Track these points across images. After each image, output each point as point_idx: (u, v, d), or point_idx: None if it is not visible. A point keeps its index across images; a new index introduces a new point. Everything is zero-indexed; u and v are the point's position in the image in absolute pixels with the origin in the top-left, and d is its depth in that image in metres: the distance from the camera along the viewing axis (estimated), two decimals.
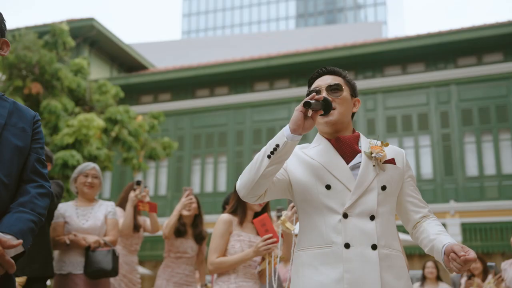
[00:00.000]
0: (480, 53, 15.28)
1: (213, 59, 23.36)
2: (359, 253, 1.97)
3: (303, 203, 2.12)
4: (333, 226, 2.01)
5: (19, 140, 2.05)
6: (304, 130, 1.96)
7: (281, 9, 62.93)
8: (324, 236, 2.02)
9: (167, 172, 17.33)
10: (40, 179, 2.10)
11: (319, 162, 2.11)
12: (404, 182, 2.20)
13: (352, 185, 2.04)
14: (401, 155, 2.23)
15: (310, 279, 2.00)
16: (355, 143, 2.18)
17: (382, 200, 2.07)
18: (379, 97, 15.88)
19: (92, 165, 4.37)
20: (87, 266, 4.00)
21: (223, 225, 3.45)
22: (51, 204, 3.91)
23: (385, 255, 2.00)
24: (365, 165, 2.09)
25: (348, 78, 2.30)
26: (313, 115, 1.98)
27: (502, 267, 4.97)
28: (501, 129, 14.63)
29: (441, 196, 14.62)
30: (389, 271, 1.99)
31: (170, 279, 4.65)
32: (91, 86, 12.38)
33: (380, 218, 2.04)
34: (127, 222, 4.65)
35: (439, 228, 2.12)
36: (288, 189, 2.16)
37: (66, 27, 12.08)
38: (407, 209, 2.20)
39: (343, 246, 1.98)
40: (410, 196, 2.20)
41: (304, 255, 2.07)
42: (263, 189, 2.02)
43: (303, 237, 2.11)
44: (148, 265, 14.87)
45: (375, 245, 1.98)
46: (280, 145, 1.94)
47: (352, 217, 2.01)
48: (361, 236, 1.99)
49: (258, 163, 1.97)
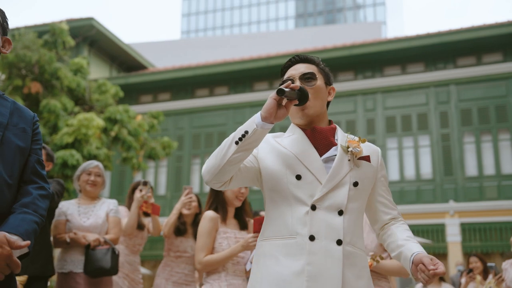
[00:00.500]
0: (480, 53, 15.30)
1: (213, 59, 23.37)
2: (323, 247, 1.90)
3: (272, 192, 2.05)
4: (299, 217, 1.95)
5: (21, 141, 2.05)
6: (276, 119, 1.89)
7: (281, 9, 62.94)
8: (289, 227, 1.96)
9: (166, 171, 17.34)
10: (40, 180, 2.10)
11: (291, 152, 2.03)
12: (377, 181, 2.14)
13: (323, 177, 1.98)
14: (376, 153, 2.17)
15: (270, 270, 1.93)
16: (331, 135, 2.11)
17: (353, 196, 2.00)
18: (378, 97, 15.88)
19: (96, 163, 4.37)
20: (86, 264, 4.00)
21: (210, 223, 3.40)
22: (52, 203, 3.91)
23: (348, 252, 1.94)
24: (340, 158, 2.02)
25: (322, 66, 2.22)
26: (287, 104, 1.91)
27: (503, 267, 4.97)
28: (500, 129, 14.64)
29: (440, 196, 14.63)
30: (351, 269, 1.93)
31: (169, 278, 4.63)
32: (91, 86, 12.38)
33: (348, 214, 1.98)
34: (131, 222, 4.63)
35: (408, 233, 2.07)
36: (257, 177, 2.08)
37: (66, 26, 12.08)
38: (377, 209, 2.15)
39: (308, 238, 1.91)
40: (381, 196, 2.15)
41: (266, 245, 2.00)
42: (228, 175, 1.95)
43: (268, 227, 2.04)
44: (148, 264, 14.87)
45: (340, 240, 1.92)
46: (249, 132, 1.87)
47: (320, 210, 1.94)
48: (327, 229, 1.92)
49: (225, 149, 1.90)
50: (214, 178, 1.95)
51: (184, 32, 65.46)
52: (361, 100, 16.04)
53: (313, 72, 2.13)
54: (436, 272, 1.83)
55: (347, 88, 16.09)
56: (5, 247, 1.78)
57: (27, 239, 1.89)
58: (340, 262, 1.90)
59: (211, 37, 50.26)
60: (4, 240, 1.79)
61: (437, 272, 1.83)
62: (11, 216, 1.94)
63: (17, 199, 2.01)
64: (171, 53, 38.51)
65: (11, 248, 1.80)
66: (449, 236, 14.10)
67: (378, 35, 38.26)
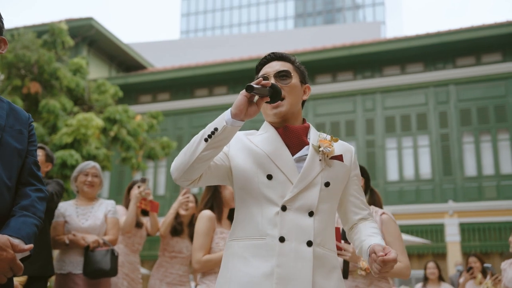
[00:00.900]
0: (479, 53, 15.31)
1: (212, 59, 23.36)
2: (293, 249, 1.87)
3: (242, 191, 2.00)
4: (269, 218, 1.91)
5: (18, 143, 2.04)
6: (246, 116, 1.87)
7: (280, 9, 62.93)
8: (259, 228, 1.92)
9: (165, 171, 17.33)
10: (37, 182, 2.10)
11: (263, 151, 1.99)
12: (349, 181, 2.09)
13: (294, 177, 1.94)
14: (349, 152, 2.12)
15: (238, 271, 1.89)
16: (303, 134, 2.07)
17: (324, 196, 1.97)
18: (378, 97, 15.89)
19: (93, 164, 4.35)
20: (86, 266, 3.98)
21: (208, 222, 3.36)
22: (52, 203, 3.90)
23: (319, 254, 1.91)
24: (311, 158, 1.98)
25: (298, 64, 2.18)
26: (259, 101, 1.88)
27: (502, 267, 4.97)
28: (499, 129, 14.65)
29: (439, 196, 14.64)
30: (321, 270, 1.91)
31: (163, 279, 4.60)
32: (90, 86, 12.37)
33: (319, 215, 1.94)
34: (130, 220, 4.59)
35: (373, 230, 2.03)
36: (227, 175, 2.04)
37: (65, 26, 12.07)
38: (347, 209, 2.11)
39: (278, 239, 1.87)
40: (352, 196, 2.11)
41: (235, 246, 1.96)
42: (197, 173, 1.90)
43: (237, 227, 2.00)
44: (147, 264, 14.86)
45: (310, 241, 1.89)
46: (219, 129, 1.83)
47: (290, 211, 1.91)
48: (297, 231, 1.89)
49: (194, 146, 1.86)
50: (183, 175, 1.90)
51: (183, 32, 65.45)
52: (360, 100, 16.04)
53: (288, 70, 2.09)
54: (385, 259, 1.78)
55: (346, 88, 16.09)
56: (9, 251, 1.79)
57: (28, 242, 1.91)
58: (310, 264, 1.87)
59: (210, 37, 50.25)
60: (8, 243, 1.80)
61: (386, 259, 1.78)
62: (12, 219, 1.94)
63: (15, 202, 2.01)
64: (170, 53, 38.50)
65: (14, 252, 1.81)
66: (448, 236, 14.11)
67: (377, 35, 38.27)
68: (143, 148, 12.50)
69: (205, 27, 64.72)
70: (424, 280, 7.30)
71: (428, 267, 7.31)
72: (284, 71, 2.08)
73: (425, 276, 7.31)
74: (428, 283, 7.22)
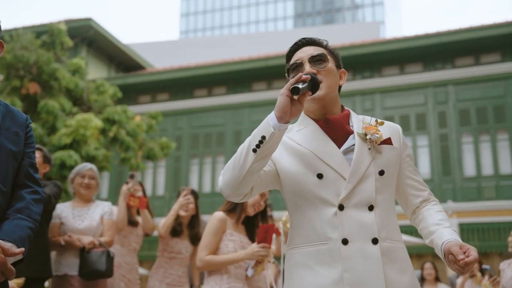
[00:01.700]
0: (478, 54, 15.31)
1: (211, 59, 23.35)
2: (358, 249, 1.75)
3: (293, 195, 1.89)
4: (328, 220, 1.79)
5: (13, 145, 2.02)
6: (292, 117, 1.74)
7: (279, 9, 62.93)
8: (319, 232, 1.80)
9: (165, 172, 17.32)
10: (33, 184, 2.08)
11: (307, 149, 1.87)
12: (403, 163, 1.96)
13: (346, 172, 1.81)
14: (397, 132, 1.98)
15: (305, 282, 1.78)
16: (346, 123, 1.93)
17: (381, 186, 1.84)
18: (377, 97, 15.89)
19: (89, 166, 4.36)
20: (81, 267, 3.99)
21: (218, 223, 3.38)
22: (49, 205, 3.90)
23: (387, 249, 1.79)
24: (359, 148, 1.85)
25: (331, 48, 2.07)
26: (301, 98, 1.75)
27: (501, 267, 4.97)
28: (498, 129, 14.65)
29: (439, 196, 14.63)
30: (392, 266, 1.78)
31: (163, 280, 4.60)
32: (89, 86, 12.37)
33: (379, 208, 1.82)
34: (120, 217, 4.60)
35: (439, 216, 1.90)
36: (275, 180, 1.93)
37: (64, 27, 12.08)
38: (406, 193, 1.98)
39: (341, 242, 1.76)
40: (409, 179, 1.97)
41: (297, 254, 1.84)
42: (249, 186, 1.80)
43: (295, 233, 1.88)
44: (146, 265, 14.85)
45: (376, 238, 1.77)
46: (267, 137, 1.70)
47: (348, 209, 1.79)
48: (360, 229, 1.77)
49: (243, 159, 1.73)
50: (235, 191, 1.80)
51: (182, 32, 65.43)
52: (359, 100, 16.04)
53: (323, 53, 1.97)
54: (466, 261, 1.67)
55: (345, 88, 16.08)
56: (0, 255, 1.77)
57: (21, 245, 1.88)
58: (379, 263, 1.74)
59: (209, 37, 50.23)
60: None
61: (467, 261, 1.67)
62: (5, 223, 1.92)
63: (11, 204, 1.99)
64: (170, 53, 38.48)
65: (5, 256, 1.79)
66: None
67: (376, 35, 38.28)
68: (142, 149, 12.50)
69: (204, 27, 64.71)
70: (421, 281, 7.30)
71: (425, 268, 7.31)
72: (319, 55, 1.96)
73: (422, 276, 7.31)
74: (424, 284, 7.22)
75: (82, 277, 3.98)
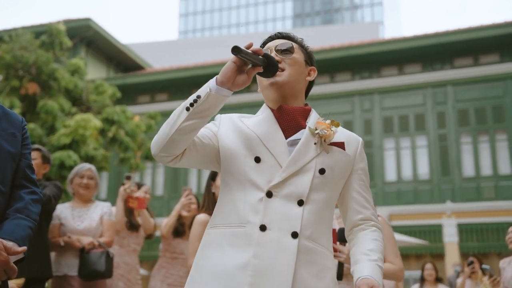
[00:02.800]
0: (477, 54, 15.33)
1: (210, 59, 23.34)
2: (275, 239, 1.66)
3: (227, 174, 1.82)
4: (252, 204, 1.72)
5: (11, 146, 2.04)
6: (234, 86, 1.70)
7: (278, 9, 62.94)
8: (240, 214, 1.73)
9: (164, 172, 17.32)
10: (31, 185, 2.10)
11: (254, 132, 1.81)
12: (353, 174, 1.87)
13: (285, 161, 1.74)
14: (356, 143, 1.90)
15: (213, 260, 1.72)
16: (301, 117, 1.86)
17: (318, 185, 1.76)
18: (376, 98, 15.90)
19: (88, 166, 4.36)
20: (81, 267, 3.99)
21: (200, 227, 3.32)
22: (49, 206, 3.90)
23: (306, 248, 1.69)
24: (305, 141, 1.78)
25: (306, 45, 2.03)
26: (250, 70, 1.71)
27: (501, 266, 4.98)
28: (497, 129, 14.67)
29: (437, 197, 14.65)
30: (307, 267, 1.68)
31: (164, 280, 4.61)
32: (88, 87, 12.38)
33: (310, 206, 1.73)
34: (118, 218, 4.60)
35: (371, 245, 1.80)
36: (215, 157, 1.84)
37: (63, 27, 12.08)
38: (348, 207, 1.88)
39: (258, 227, 1.68)
40: (355, 192, 1.86)
41: (213, 233, 1.77)
42: (178, 147, 1.71)
43: (217, 213, 1.82)
44: (146, 265, 14.85)
45: (296, 233, 1.68)
46: (202, 96, 1.67)
47: (276, 198, 1.71)
48: (282, 220, 1.68)
49: (176, 116, 1.69)
50: (162, 149, 1.72)
51: (181, 32, 65.42)
52: (358, 101, 16.05)
53: (291, 45, 1.94)
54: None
55: (344, 88, 16.10)
56: (3, 253, 1.79)
57: (22, 244, 1.90)
58: (293, 257, 1.66)
59: (208, 37, 50.25)
60: (1, 246, 1.80)
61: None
62: (5, 222, 1.94)
63: (10, 204, 2.01)
64: (169, 54, 38.48)
65: (8, 254, 1.81)
66: (446, 237, 14.11)
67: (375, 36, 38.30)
68: (141, 149, 12.51)
69: (203, 27, 64.71)
70: (421, 281, 7.31)
71: (425, 268, 7.32)
72: (287, 45, 1.93)
73: (422, 277, 7.31)
74: (425, 284, 7.23)
75: (81, 277, 3.98)
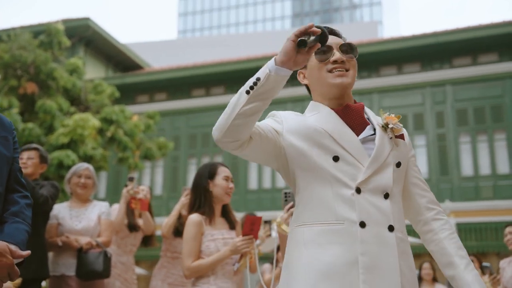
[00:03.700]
0: (476, 53, 15.33)
1: (209, 58, 23.34)
2: (376, 234, 1.68)
3: (302, 170, 1.79)
4: (344, 200, 1.71)
5: (5, 149, 2.04)
6: (295, 65, 1.64)
7: (277, 8, 62.95)
8: (334, 211, 1.71)
9: (162, 172, 17.31)
10: (22, 189, 2.12)
11: (323, 128, 1.78)
12: (409, 161, 1.93)
13: (364, 160, 1.75)
14: (405, 131, 1.95)
15: (315, 259, 1.68)
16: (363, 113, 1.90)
17: (396, 178, 1.80)
18: (374, 97, 15.90)
19: (85, 166, 4.35)
20: (78, 267, 3.98)
21: (194, 227, 3.27)
22: (46, 206, 3.90)
23: (400, 240, 1.74)
24: (381, 137, 1.81)
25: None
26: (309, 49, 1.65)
27: (500, 266, 4.98)
28: (496, 129, 14.68)
29: (436, 196, 14.33)
30: (404, 258, 1.73)
31: (165, 279, 4.61)
32: (87, 86, 12.37)
33: (393, 199, 1.77)
34: (118, 219, 4.60)
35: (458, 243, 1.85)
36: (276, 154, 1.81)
37: (62, 26, 12.07)
38: (412, 192, 1.91)
39: (358, 224, 1.68)
40: (415, 178, 1.93)
41: (307, 232, 1.73)
42: (242, 132, 1.66)
43: (304, 211, 1.78)
44: (144, 264, 14.83)
45: (392, 226, 1.71)
46: (261, 78, 1.62)
47: (365, 193, 1.72)
48: (377, 214, 1.70)
49: (236, 100, 1.66)
50: (225, 134, 1.67)
51: (180, 31, 65.40)
52: (357, 100, 16.03)
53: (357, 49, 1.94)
54: None
55: None
56: (8, 257, 1.81)
57: (23, 248, 1.93)
58: (395, 251, 1.69)
59: (207, 36, 50.24)
60: (7, 249, 1.82)
61: None
62: (5, 226, 1.96)
63: (5, 208, 2.02)
64: (168, 53, 38.47)
65: (12, 257, 1.83)
66: None
67: (374, 35, 38.31)
68: (140, 148, 12.51)
69: (202, 26, 64.70)
70: (419, 281, 7.31)
71: (423, 268, 7.32)
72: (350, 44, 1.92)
73: (419, 276, 7.31)
74: (422, 284, 7.22)
75: (79, 277, 3.98)
